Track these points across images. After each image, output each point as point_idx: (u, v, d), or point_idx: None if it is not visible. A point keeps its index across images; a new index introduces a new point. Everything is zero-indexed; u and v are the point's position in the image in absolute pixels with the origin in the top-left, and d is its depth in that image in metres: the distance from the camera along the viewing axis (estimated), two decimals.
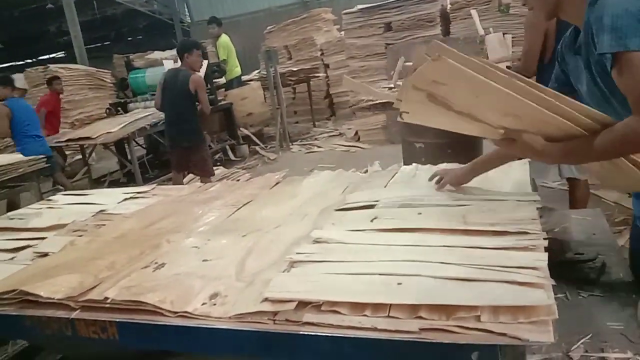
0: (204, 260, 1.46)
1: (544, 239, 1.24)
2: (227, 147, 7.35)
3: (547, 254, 1.16)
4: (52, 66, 9.43)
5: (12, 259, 1.75)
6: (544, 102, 1.18)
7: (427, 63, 1.16)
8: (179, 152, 4.72)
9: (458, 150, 3.18)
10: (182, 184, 4.52)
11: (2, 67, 16.27)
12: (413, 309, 1.03)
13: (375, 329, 1.01)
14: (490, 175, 1.82)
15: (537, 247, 1.21)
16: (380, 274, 1.17)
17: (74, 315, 1.28)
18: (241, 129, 7.78)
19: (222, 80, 7.60)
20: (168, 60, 6.73)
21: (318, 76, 9.24)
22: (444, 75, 1.19)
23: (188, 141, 4.71)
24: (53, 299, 1.32)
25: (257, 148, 7.70)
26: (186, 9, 16.62)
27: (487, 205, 1.52)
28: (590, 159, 1.30)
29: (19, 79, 9.39)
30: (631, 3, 1.13)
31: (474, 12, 6.65)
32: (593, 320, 1.32)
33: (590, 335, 1.24)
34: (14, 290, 1.37)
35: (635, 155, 1.25)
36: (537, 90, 1.18)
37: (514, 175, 1.79)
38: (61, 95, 7.68)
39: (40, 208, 2.41)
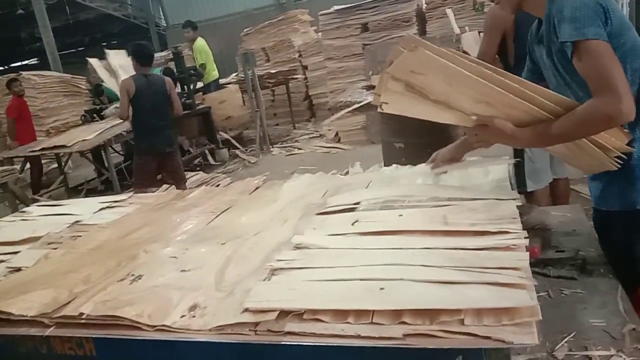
0: (182, 271, 1.43)
1: (525, 237, 1.24)
2: (207, 151, 7.28)
3: (528, 253, 1.16)
4: (24, 73, 9.23)
5: None
6: (510, 88, 1.28)
7: (405, 54, 1.24)
8: (157, 161, 4.56)
9: (438, 150, 3.20)
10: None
11: None
12: (396, 315, 1.02)
13: (358, 337, 1.00)
14: (470, 174, 1.83)
15: (519, 247, 1.21)
16: (362, 279, 1.15)
17: (49, 332, 1.23)
18: (220, 132, 7.72)
19: (200, 84, 7.53)
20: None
21: (296, 78, 9.23)
22: (421, 65, 1.27)
23: (170, 146, 4.62)
24: (26, 316, 1.28)
25: (237, 152, 7.65)
26: (161, 13, 16.45)
27: (468, 204, 1.52)
28: (557, 141, 1.40)
29: None
30: None
31: (449, 12, 6.73)
32: (576, 318, 1.32)
33: (573, 333, 1.25)
34: None
35: (597, 136, 1.34)
36: (501, 76, 1.28)
37: (493, 174, 1.80)
38: (26, 98, 7.49)
39: (14, 220, 2.34)
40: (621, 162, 1.38)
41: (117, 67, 6.64)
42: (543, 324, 0.97)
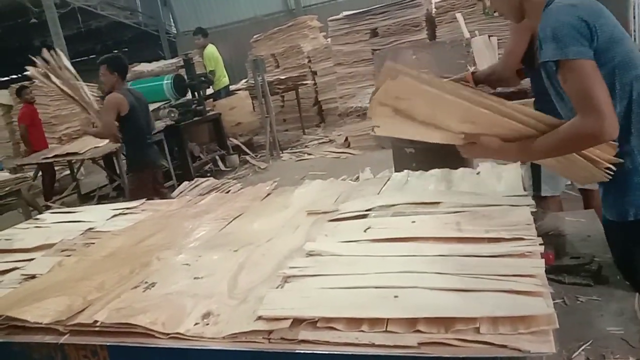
0: (195, 278, 1.43)
1: (540, 244, 1.22)
2: (217, 157, 7.31)
3: (543, 260, 1.15)
4: (37, 81, 9.33)
5: None
6: (492, 108, 1.31)
7: (387, 82, 1.28)
8: (155, 173, 4.46)
9: (449, 155, 3.18)
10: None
11: None
12: (411, 323, 1.01)
13: (373, 345, 0.99)
14: (483, 179, 1.82)
15: (534, 253, 1.19)
16: (376, 287, 1.15)
17: (63, 339, 1.24)
18: (230, 138, 7.74)
19: (210, 90, 7.56)
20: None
21: (306, 83, 9.23)
22: (404, 91, 1.31)
23: (160, 159, 4.70)
24: (41, 323, 1.28)
25: (247, 157, 7.66)
26: (172, 20, 16.58)
27: (481, 211, 1.51)
28: (542, 156, 1.43)
29: (3, 95, 9.32)
30: (571, 15, 1.29)
31: (459, 16, 6.70)
32: (593, 325, 1.31)
33: (590, 341, 1.23)
34: (0, 316, 1.33)
35: (587, 150, 1.34)
36: (482, 97, 1.31)
37: (506, 178, 1.79)
38: (37, 106, 7.57)
39: (28, 227, 2.36)
40: (611, 173, 1.38)
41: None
42: (559, 331, 0.96)
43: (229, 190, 4.96)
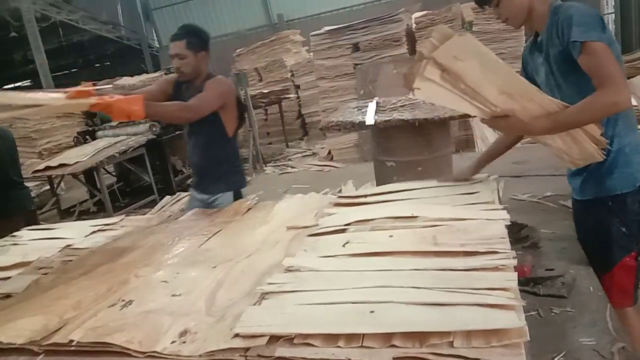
0: (173, 295, 1.42)
1: (513, 257, 1.25)
2: None
3: (516, 273, 1.17)
4: None
5: None
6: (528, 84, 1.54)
7: (454, 38, 1.37)
8: (28, 219, 3.54)
9: (428, 168, 3.22)
10: None
11: None
12: (386, 338, 1.02)
13: None
14: (459, 193, 1.84)
15: (507, 267, 1.22)
16: (353, 303, 1.15)
17: None
18: None
19: None
20: None
21: (289, 97, 9.29)
22: (463, 51, 1.41)
23: (31, 204, 3.95)
24: (14, 344, 1.26)
25: None
26: (154, 34, 16.57)
27: (457, 224, 1.53)
28: (567, 127, 1.58)
29: None
30: (589, 8, 1.55)
31: None
32: (566, 336, 1.33)
33: (564, 352, 1.25)
34: None
35: (589, 128, 1.55)
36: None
37: (482, 192, 1.81)
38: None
39: (4, 245, 2.32)
40: (606, 153, 1.60)
41: None
42: (533, 343, 0.98)
43: None
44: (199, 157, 2.64)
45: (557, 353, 1.25)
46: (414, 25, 7.34)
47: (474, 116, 1.75)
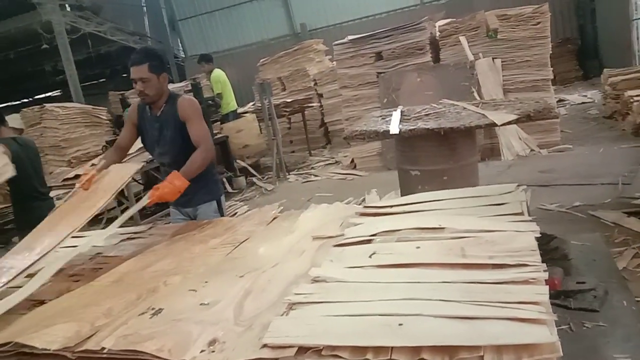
0: (201, 304, 1.44)
1: (544, 270, 1.23)
2: (224, 179, 7.35)
3: (547, 287, 1.15)
4: (47, 105, 9.49)
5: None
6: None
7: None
8: None
9: (453, 177, 3.19)
10: None
11: None
12: (415, 351, 1.01)
13: None
14: (486, 204, 1.82)
15: (538, 280, 1.20)
16: (380, 315, 1.15)
17: None
18: (238, 161, 7.80)
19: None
20: None
21: (312, 106, 9.33)
22: None
23: None
24: (49, 350, 1.29)
25: (254, 179, 7.70)
26: (180, 44, 16.86)
27: (486, 236, 1.51)
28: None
29: (15, 119, 9.47)
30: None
31: (462, 39, 6.78)
32: (599, 352, 1.30)
33: None
34: (9, 343, 1.35)
35: None
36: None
37: (511, 203, 1.79)
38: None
39: None
40: None
41: None
42: (565, 358, 0.96)
43: (236, 212, 5.00)
44: None
45: None
46: (437, 34, 7.30)
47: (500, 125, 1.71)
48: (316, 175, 7.47)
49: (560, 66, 11.05)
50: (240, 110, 9.02)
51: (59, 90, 18.56)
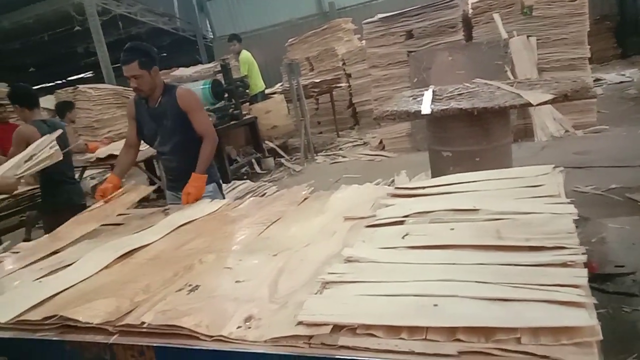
0: (236, 282, 1.47)
1: (583, 253, 1.20)
2: (253, 160, 7.41)
3: (586, 269, 1.13)
4: (80, 86, 9.70)
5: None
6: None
7: None
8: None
9: (486, 159, 3.14)
10: None
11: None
12: (450, 332, 1.01)
13: (412, 353, 1.00)
14: (522, 185, 1.79)
15: (576, 263, 1.18)
16: (415, 295, 1.15)
17: (113, 339, 1.29)
18: (266, 142, 7.84)
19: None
20: None
21: (340, 86, 9.27)
22: None
23: (81, 198, 4.02)
24: (91, 323, 1.34)
25: (282, 160, 7.74)
26: (208, 25, 16.91)
27: (522, 218, 1.49)
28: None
29: (49, 100, 9.71)
30: None
31: (496, 16, 6.59)
32: (638, 336, 1.27)
33: (636, 354, 1.20)
34: (54, 316, 1.40)
35: None
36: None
37: (547, 185, 1.76)
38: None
39: None
40: None
41: None
42: (603, 343, 0.95)
43: (265, 193, 5.04)
44: (179, 162, 2.92)
45: (628, 354, 1.20)
46: (470, 11, 7.12)
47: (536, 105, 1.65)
48: (344, 157, 7.46)
49: (598, 44, 10.68)
50: (268, 91, 9.03)
51: (91, 72, 18.92)
